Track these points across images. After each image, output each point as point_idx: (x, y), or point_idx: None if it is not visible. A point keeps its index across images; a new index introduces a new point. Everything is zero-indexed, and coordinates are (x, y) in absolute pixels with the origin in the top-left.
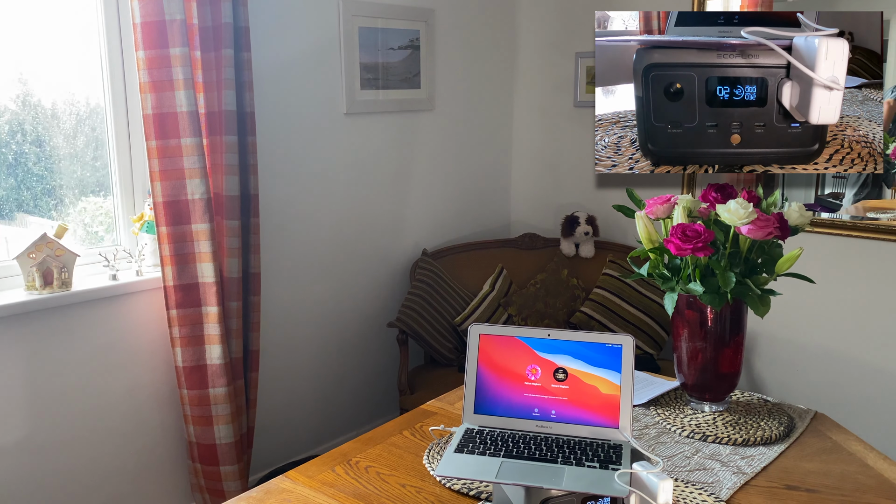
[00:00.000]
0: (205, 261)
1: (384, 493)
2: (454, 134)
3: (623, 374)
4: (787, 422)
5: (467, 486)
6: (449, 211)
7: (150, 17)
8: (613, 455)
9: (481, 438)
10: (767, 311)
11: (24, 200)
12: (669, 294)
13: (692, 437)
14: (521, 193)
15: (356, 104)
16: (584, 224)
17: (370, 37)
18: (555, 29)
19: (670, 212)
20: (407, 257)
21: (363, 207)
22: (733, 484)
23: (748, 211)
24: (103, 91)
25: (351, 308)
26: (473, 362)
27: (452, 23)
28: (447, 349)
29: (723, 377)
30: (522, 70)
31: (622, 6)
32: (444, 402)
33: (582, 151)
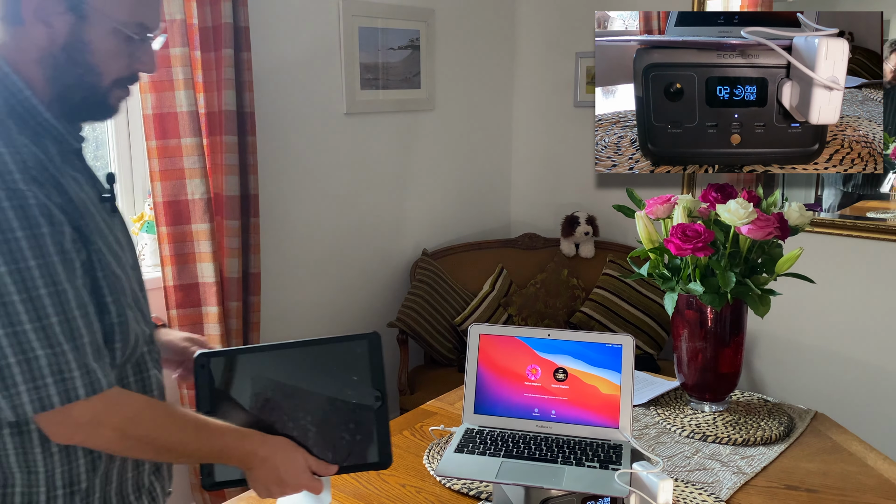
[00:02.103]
0: (205, 261)
1: (384, 492)
2: (454, 134)
3: (623, 374)
4: (787, 422)
5: (467, 486)
6: (449, 211)
7: None
8: (613, 455)
9: (481, 438)
10: (767, 311)
11: None
12: (669, 294)
13: (692, 437)
14: (521, 193)
15: (356, 104)
16: (584, 224)
17: (370, 37)
18: (555, 29)
19: (670, 212)
20: (407, 257)
21: (363, 207)
22: (733, 484)
23: (748, 211)
24: None
25: (351, 308)
26: (473, 362)
27: (452, 23)
28: (447, 349)
29: (723, 377)
30: (522, 70)
31: (622, 6)
32: (444, 402)
33: (582, 151)
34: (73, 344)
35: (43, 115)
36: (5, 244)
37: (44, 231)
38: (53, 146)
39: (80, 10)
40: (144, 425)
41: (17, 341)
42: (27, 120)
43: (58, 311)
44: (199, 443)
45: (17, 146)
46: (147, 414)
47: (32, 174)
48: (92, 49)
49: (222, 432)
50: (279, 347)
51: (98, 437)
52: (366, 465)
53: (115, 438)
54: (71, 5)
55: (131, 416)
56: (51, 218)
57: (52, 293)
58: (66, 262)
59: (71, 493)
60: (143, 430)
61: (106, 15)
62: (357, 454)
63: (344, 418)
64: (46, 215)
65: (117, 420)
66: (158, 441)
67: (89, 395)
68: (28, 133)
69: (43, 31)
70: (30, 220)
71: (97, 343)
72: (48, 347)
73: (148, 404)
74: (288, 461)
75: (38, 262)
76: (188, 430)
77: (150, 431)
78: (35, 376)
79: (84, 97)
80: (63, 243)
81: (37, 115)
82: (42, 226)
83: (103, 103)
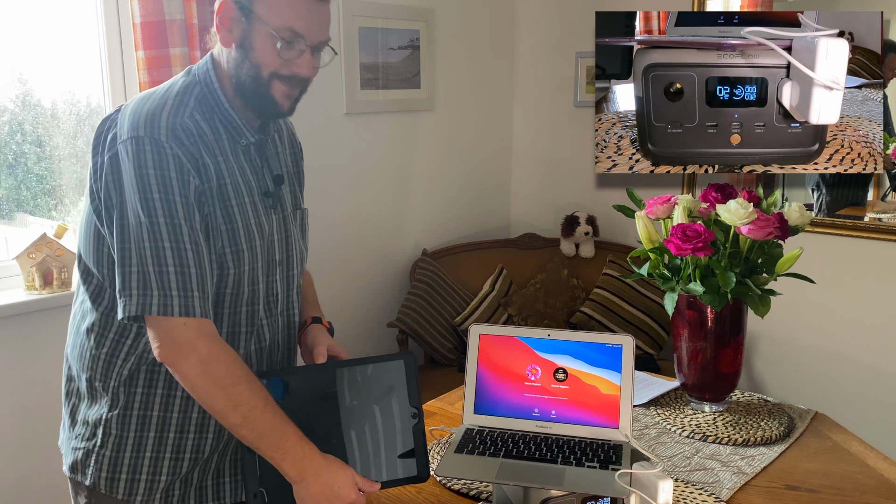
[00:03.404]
0: None
1: (384, 492)
2: (454, 134)
3: (623, 374)
4: (787, 422)
5: (467, 486)
6: (449, 211)
7: (150, 17)
8: (613, 455)
9: (481, 438)
10: (767, 311)
11: (24, 200)
12: (669, 294)
13: (692, 437)
14: (521, 193)
15: (356, 104)
16: (584, 224)
17: (370, 37)
18: (555, 29)
19: (670, 212)
20: (407, 257)
21: (363, 207)
22: (733, 484)
23: (748, 211)
24: (103, 91)
25: (351, 308)
26: (473, 362)
27: (452, 23)
28: (447, 349)
29: (723, 377)
30: (522, 70)
31: (622, 6)
32: (444, 402)
33: (582, 151)
34: (180, 269)
35: (223, 104)
36: (140, 178)
37: (172, 175)
38: (226, 132)
39: (249, 18)
40: (225, 368)
41: (138, 256)
42: (213, 107)
43: (171, 238)
44: (265, 414)
45: (180, 116)
46: (230, 360)
47: (178, 134)
48: (254, 48)
49: (287, 421)
50: (319, 367)
51: (186, 362)
52: (406, 479)
53: (199, 370)
54: (243, 13)
55: (217, 354)
56: (181, 167)
57: (168, 224)
58: (186, 205)
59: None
60: (223, 372)
61: (263, 21)
62: (397, 469)
63: (383, 435)
64: (178, 164)
65: (206, 352)
66: (232, 392)
67: (182, 315)
68: (205, 113)
69: (227, 35)
70: (162, 163)
71: (203, 276)
72: (157, 266)
73: (234, 355)
74: (340, 477)
75: (161, 197)
76: (258, 395)
77: (227, 377)
78: (145, 285)
79: (252, 92)
80: (187, 190)
81: (220, 105)
82: (172, 170)
83: (266, 95)
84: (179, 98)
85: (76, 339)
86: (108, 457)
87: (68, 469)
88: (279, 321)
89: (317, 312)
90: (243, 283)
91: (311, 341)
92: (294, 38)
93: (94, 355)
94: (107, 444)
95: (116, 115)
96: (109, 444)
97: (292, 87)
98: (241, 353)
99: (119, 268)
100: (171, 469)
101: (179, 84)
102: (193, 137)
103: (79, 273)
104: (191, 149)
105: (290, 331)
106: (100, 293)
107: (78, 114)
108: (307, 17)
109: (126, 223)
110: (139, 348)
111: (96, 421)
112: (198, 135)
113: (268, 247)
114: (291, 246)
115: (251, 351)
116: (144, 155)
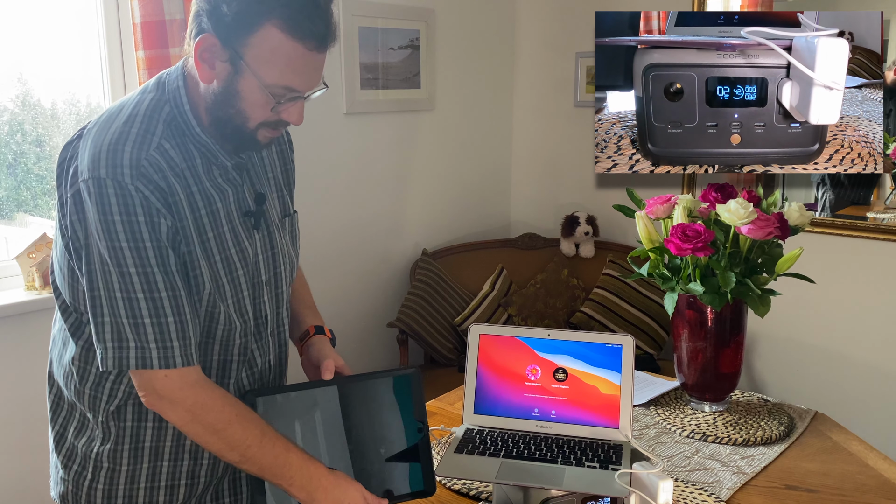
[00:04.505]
0: None
1: None
2: (454, 134)
3: (623, 374)
4: (787, 422)
5: (467, 486)
6: (449, 211)
7: (150, 17)
8: (613, 455)
9: (481, 438)
10: (767, 311)
11: (24, 200)
12: (669, 294)
13: (692, 437)
14: (521, 193)
15: (356, 104)
16: (584, 224)
17: (370, 37)
18: (555, 29)
19: (670, 212)
20: (407, 257)
21: (363, 207)
22: (733, 484)
23: (748, 211)
24: (103, 91)
25: (351, 308)
26: (473, 362)
27: (452, 23)
28: (447, 349)
29: (723, 377)
30: (522, 70)
31: (622, 6)
32: (444, 402)
33: (582, 151)
34: (156, 320)
35: (194, 129)
36: (105, 225)
37: (140, 220)
38: (200, 156)
39: (237, 64)
40: (213, 415)
41: (110, 306)
42: (182, 129)
43: (144, 289)
44: (262, 449)
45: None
46: (217, 405)
47: (144, 171)
48: (242, 97)
49: (287, 448)
50: (324, 384)
51: (172, 413)
52: (413, 493)
53: (187, 419)
54: (231, 59)
55: (203, 402)
56: (149, 210)
57: (140, 273)
58: (158, 250)
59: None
60: (212, 419)
61: (256, 75)
62: (404, 483)
63: (389, 450)
64: (145, 206)
65: (191, 402)
66: (224, 436)
67: (163, 368)
68: (175, 139)
69: (207, 71)
70: (128, 207)
71: (182, 323)
72: (131, 318)
73: (222, 398)
74: (350, 494)
75: (130, 245)
76: (252, 433)
77: (217, 422)
78: (120, 337)
79: (233, 132)
80: (158, 233)
81: (190, 129)
82: (139, 214)
83: (251, 139)
84: (146, 125)
85: (59, 368)
86: (101, 490)
87: (58, 498)
88: (269, 342)
89: (318, 321)
90: (232, 316)
91: (317, 355)
92: (288, 94)
93: (78, 389)
94: (98, 477)
95: (78, 143)
96: (101, 477)
97: (279, 129)
98: (233, 380)
99: (91, 316)
100: (167, 498)
101: (147, 103)
102: (162, 171)
103: (57, 304)
104: (160, 183)
105: (280, 349)
106: (79, 327)
107: (78, 114)
108: (305, 72)
109: (93, 269)
110: (124, 383)
111: (86, 454)
112: (167, 166)
113: (252, 270)
114: (279, 262)
115: (242, 377)
116: (108, 199)
